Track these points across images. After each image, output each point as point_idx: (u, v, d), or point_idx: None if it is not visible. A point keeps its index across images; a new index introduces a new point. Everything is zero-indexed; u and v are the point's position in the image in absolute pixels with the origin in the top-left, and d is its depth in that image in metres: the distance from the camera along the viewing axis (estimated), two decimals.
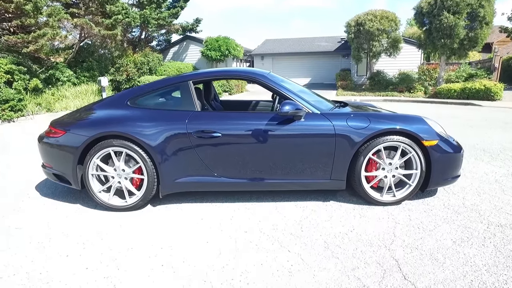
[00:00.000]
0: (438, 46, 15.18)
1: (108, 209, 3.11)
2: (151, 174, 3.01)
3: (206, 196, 3.42)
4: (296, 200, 3.31)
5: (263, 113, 3.13)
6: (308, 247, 2.44)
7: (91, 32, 13.38)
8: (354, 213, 3.00)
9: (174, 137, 2.99)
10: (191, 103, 3.13)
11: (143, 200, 3.08)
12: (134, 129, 2.98)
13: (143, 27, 17.87)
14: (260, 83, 3.22)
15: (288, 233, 2.65)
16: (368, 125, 3.02)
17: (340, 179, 3.11)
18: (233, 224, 2.81)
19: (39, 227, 2.82)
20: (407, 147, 3.04)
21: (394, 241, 2.48)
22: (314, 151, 3.04)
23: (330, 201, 3.29)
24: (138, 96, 3.21)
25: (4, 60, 10.15)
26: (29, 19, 10.49)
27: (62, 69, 12.85)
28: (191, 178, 3.07)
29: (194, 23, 20.51)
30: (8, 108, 9.76)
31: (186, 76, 3.26)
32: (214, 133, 2.98)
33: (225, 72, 3.44)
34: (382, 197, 3.16)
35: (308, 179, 3.13)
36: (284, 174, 3.09)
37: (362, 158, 3.04)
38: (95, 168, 3.05)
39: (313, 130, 3.02)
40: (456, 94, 13.91)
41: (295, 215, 2.98)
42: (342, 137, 3.00)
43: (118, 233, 2.70)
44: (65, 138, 3.06)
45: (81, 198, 3.43)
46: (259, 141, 3.00)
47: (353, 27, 17.97)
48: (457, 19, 13.95)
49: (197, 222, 2.85)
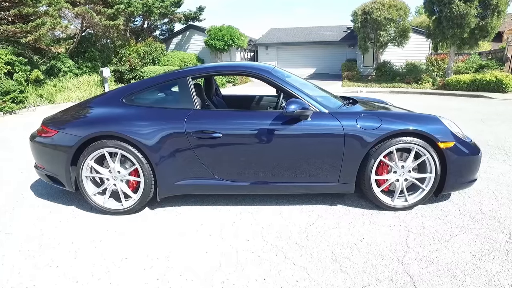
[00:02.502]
0: (448, 35, 14.72)
1: (103, 213, 2.96)
2: (148, 176, 2.84)
3: (206, 198, 3.25)
4: (301, 203, 3.13)
5: (267, 112, 2.93)
6: (314, 259, 2.27)
7: (92, 21, 13.12)
8: (363, 220, 2.82)
9: (172, 137, 2.81)
10: (190, 100, 2.93)
11: (140, 204, 2.92)
12: (129, 129, 2.80)
13: (146, 16, 17.54)
14: (264, 80, 3.00)
15: (293, 242, 2.48)
16: (379, 126, 2.81)
17: (349, 182, 2.92)
18: (234, 231, 2.65)
19: (30, 233, 2.68)
20: (421, 149, 2.83)
21: (407, 253, 2.30)
22: (322, 152, 2.84)
23: (337, 205, 3.11)
24: (134, 93, 3.02)
25: (4, 51, 9.97)
26: (28, 8, 10.26)
27: (63, 60, 12.67)
28: (191, 181, 2.90)
29: (197, 11, 20.10)
30: (9, 100, 9.63)
31: (185, 72, 3.05)
32: (215, 133, 2.79)
33: (226, 67, 3.22)
34: (393, 202, 2.97)
35: (314, 182, 2.94)
36: (289, 177, 2.91)
37: (373, 161, 2.84)
38: (89, 170, 2.89)
39: (321, 130, 2.82)
40: (465, 86, 13.51)
41: (300, 221, 2.81)
42: (352, 138, 2.80)
43: (113, 240, 2.55)
44: (57, 138, 2.89)
45: (77, 200, 3.28)
46: (262, 142, 2.81)
47: (359, 16, 17.48)
48: (469, 7, 13.46)
49: (197, 229, 2.69)
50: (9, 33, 10.43)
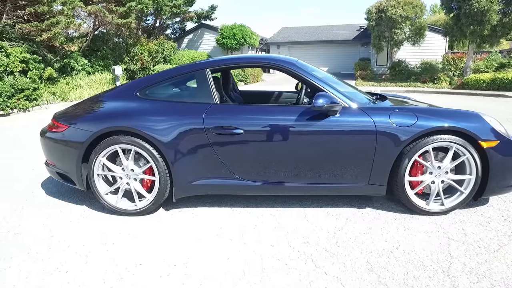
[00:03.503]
0: (467, 33, 14.22)
1: (115, 213, 2.79)
2: (163, 175, 2.65)
3: (224, 199, 3.05)
4: (326, 206, 2.90)
5: (292, 107, 2.72)
6: (348, 268, 2.04)
7: (105, 20, 13.10)
8: (397, 224, 2.58)
9: (190, 134, 2.61)
10: (208, 94, 2.74)
11: (155, 204, 2.73)
12: (143, 124, 2.62)
13: (157, 15, 17.51)
14: (288, 72, 2.79)
15: (322, 248, 2.26)
16: (415, 122, 2.56)
17: (380, 184, 2.68)
18: (257, 235, 2.44)
19: (39, 234, 2.52)
20: (461, 148, 2.58)
21: (452, 264, 2.05)
22: (351, 151, 2.61)
23: (365, 208, 2.87)
24: (149, 86, 2.84)
25: (19, 49, 10.00)
26: (43, 6, 10.27)
27: (76, 58, 12.68)
28: (209, 180, 2.70)
29: (210, 10, 20.00)
30: (24, 98, 9.63)
31: (203, 64, 2.85)
32: (235, 129, 2.58)
33: (248, 59, 3.00)
34: (428, 206, 2.72)
35: (342, 183, 2.71)
36: (315, 177, 2.68)
37: (407, 160, 2.60)
38: (101, 168, 2.72)
39: (350, 127, 2.59)
40: (485, 85, 13.03)
41: (328, 225, 2.59)
42: (384, 136, 2.56)
43: (126, 243, 2.37)
44: (68, 134, 2.73)
45: (88, 199, 3.12)
46: (287, 139, 2.60)
47: (374, 13, 17.09)
48: (490, 3, 12.97)
49: (216, 232, 2.49)
50: (25, 31, 10.46)
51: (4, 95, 9.05)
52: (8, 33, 10.20)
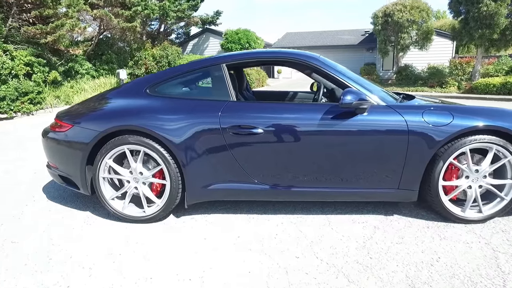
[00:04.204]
0: (476, 37, 14.02)
1: (122, 220, 2.56)
2: (174, 178, 2.43)
3: (239, 205, 2.82)
4: (350, 213, 2.67)
5: (317, 105, 2.50)
6: (386, 284, 1.80)
7: (110, 24, 13.02)
8: (431, 234, 2.34)
9: (204, 133, 2.40)
10: (225, 91, 2.53)
11: (165, 210, 2.51)
12: (153, 123, 2.41)
13: (162, 20, 17.46)
14: (312, 68, 2.58)
15: (353, 260, 2.02)
16: (451, 121, 2.34)
17: (411, 188, 2.45)
18: (278, 245, 2.21)
19: (39, 242, 2.30)
20: (502, 150, 2.35)
21: (506, 282, 1.80)
22: (380, 153, 2.39)
23: (393, 215, 2.63)
24: (159, 82, 2.63)
25: (24, 52, 9.89)
26: (48, 9, 10.18)
27: (81, 62, 12.58)
28: (225, 185, 2.48)
29: (214, 15, 19.96)
30: (28, 101, 9.51)
31: (219, 58, 2.64)
32: (254, 128, 2.36)
33: (267, 53, 2.76)
34: (464, 213, 2.47)
35: (370, 188, 2.48)
36: (341, 181, 2.45)
37: (442, 163, 2.37)
38: (107, 170, 2.51)
39: (380, 126, 2.36)
40: (495, 89, 12.78)
41: (355, 234, 2.35)
42: (417, 136, 2.34)
43: (134, 253, 2.14)
44: (72, 133, 2.53)
45: (92, 204, 2.90)
46: (310, 140, 2.37)
47: (380, 18, 16.96)
48: (499, 6, 12.78)
49: (233, 242, 2.26)
50: (30, 34, 10.36)
51: (8, 99, 8.92)
52: (13, 36, 10.11)
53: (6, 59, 9.18)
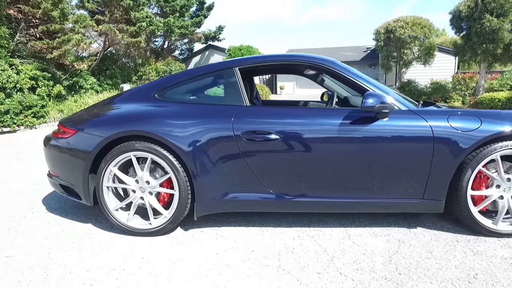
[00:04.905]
0: (479, 52, 14.08)
1: (126, 233, 2.39)
2: (184, 188, 2.27)
3: (251, 218, 2.65)
4: (370, 225, 2.48)
5: (336, 110, 2.37)
6: None
7: (115, 39, 13.17)
8: (462, 248, 2.15)
9: (216, 140, 2.25)
10: (238, 95, 2.40)
11: (172, 223, 2.33)
12: (162, 129, 2.26)
13: (166, 36, 17.69)
14: (330, 71, 2.45)
15: (380, 276, 1.83)
16: (479, 126, 2.19)
17: (437, 198, 2.27)
18: (297, 260, 2.02)
19: (36, 257, 2.12)
20: None
21: None
22: (403, 160, 2.23)
23: (417, 228, 2.44)
24: (168, 87, 2.51)
25: (29, 66, 9.92)
26: (55, 24, 10.30)
27: (85, 77, 12.63)
28: (237, 195, 2.31)
29: (217, 31, 20.22)
30: (31, 115, 9.48)
31: (232, 62, 2.52)
32: (270, 134, 2.22)
33: (282, 57, 2.62)
34: (496, 226, 2.28)
35: (392, 198, 2.31)
36: (360, 191, 2.28)
37: (470, 171, 2.20)
38: (111, 179, 2.35)
39: (403, 132, 2.22)
40: (501, 104, 12.65)
41: (379, 247, 2.16)
42: (443, 142, 2.19)
43: (139, 270, 1.96)
44: (75, 139, 2.39)
45: (94, 216, 2.73)
46: (330, 147, 2.23)
47: (382, 34, 17.14)
48: (502, 22, 12.87)
49: (247, 257, 2.07)
50: (36, 48, 10.44)
51: (11, 112, 8.88)
52: (20, 50, 10.18)
53: (11, 73, 9.19)
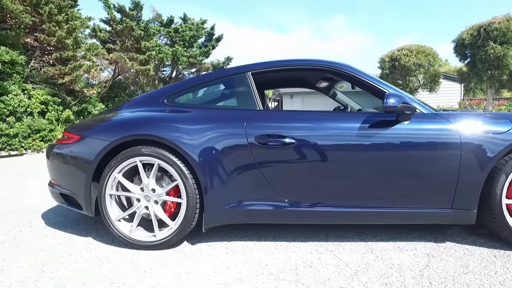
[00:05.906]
0: (485, 78, 14.14)
1: (128, 246, 2.20)
2: (192, 196, 2.11)
3: (263, 231, 2.45)
4: (393, 239, 2.27)
5: (355, 114, 2.25)
6: None
7: (125, 66, 13.48)
8: (502, 263, 1.92)
9: (228, 145, 2.12)
10: (251, 100, 2.29)
11: (178, 235, 2.15)
12: (171, 133, 2.15)
13: (174, 65, 18.11)
14: (346, 75, 2.34)
15: None
16: (510, 128, 2.04)
17: (468, 208, 2.08)
18: (317, 275, 1.81)
19: (28, 270, 1.93)
20: None
21: None
22: (428, 165, 2.06)
23: (445, 242, 2.23)
24: (178, 92, 2.42)
25: (41, 91, 10.12)
26: (68, 52, 10.62)
27: (94, 103, 12.79)
28: (250, 204, 2.13)
29: (225, 61, 20.67)
30: (39, 139, 9.54)
31: (244, 67, 2.42)
32: (285, 138, 2.09)
33: (296, 62, 2.49)
34: None
35: (417, 208, 2.12)
36: (383, 200, 2.10)
37: (504, 177, 2.03)
38: (115, 186, 2.20)
39: (427, 135, 2.07)
40: None
41: (406, 261, 1.94)
42: (472, 146, 2.03)
43: (141, 283, 1.76)
44: (79, 145, 2.27)
45: (95, 230, 2.55)
46: (350, 152, 2.08)
47: (387, 62, 17.40)
48: (506, 49, 13.00)
49: (261, 271, 1.86)
50: (49, 74, 10.71)
51: (20, 135, 8.92)
52: (33, 76, 10.44)
53: (23, 98, 9.35)
